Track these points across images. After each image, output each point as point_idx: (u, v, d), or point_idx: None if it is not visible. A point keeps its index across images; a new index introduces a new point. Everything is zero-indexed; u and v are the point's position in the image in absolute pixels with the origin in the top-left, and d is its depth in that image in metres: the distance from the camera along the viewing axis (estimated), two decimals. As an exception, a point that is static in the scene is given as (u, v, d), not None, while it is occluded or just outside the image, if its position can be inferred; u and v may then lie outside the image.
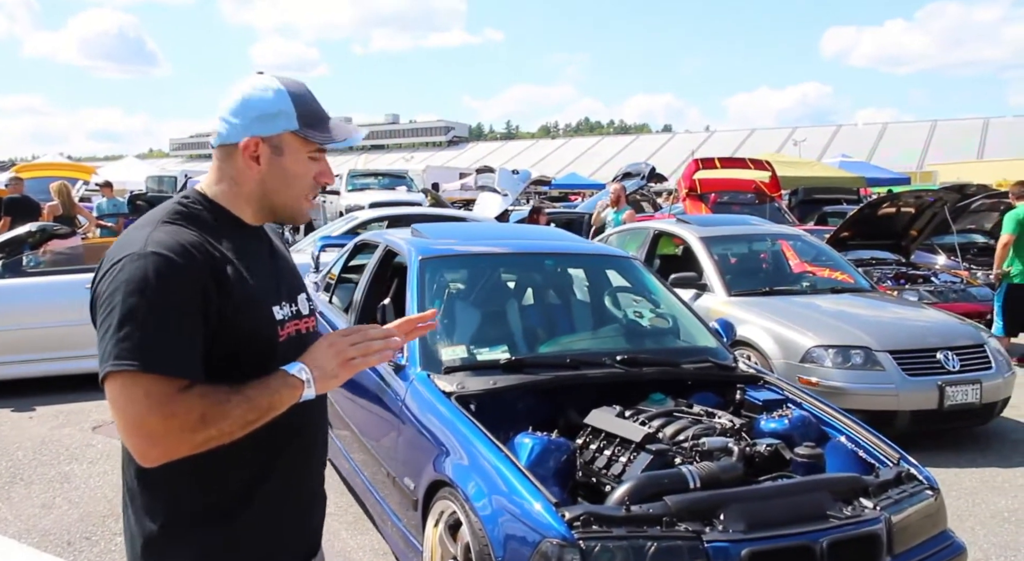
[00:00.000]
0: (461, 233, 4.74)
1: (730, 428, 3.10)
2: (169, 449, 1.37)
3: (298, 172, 1.60)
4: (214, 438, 1.40)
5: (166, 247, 1.43)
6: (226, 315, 1.45)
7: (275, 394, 1.45)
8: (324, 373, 1.51)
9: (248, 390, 1.43)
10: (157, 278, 1.39)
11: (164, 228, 1.49)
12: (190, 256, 1.44)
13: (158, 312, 1.38)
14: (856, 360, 5.34)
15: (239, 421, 1.41)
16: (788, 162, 16.13)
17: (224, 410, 1.39)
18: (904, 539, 2.74)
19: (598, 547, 2.39)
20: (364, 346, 1.55)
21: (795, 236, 7.55)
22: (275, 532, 1.60)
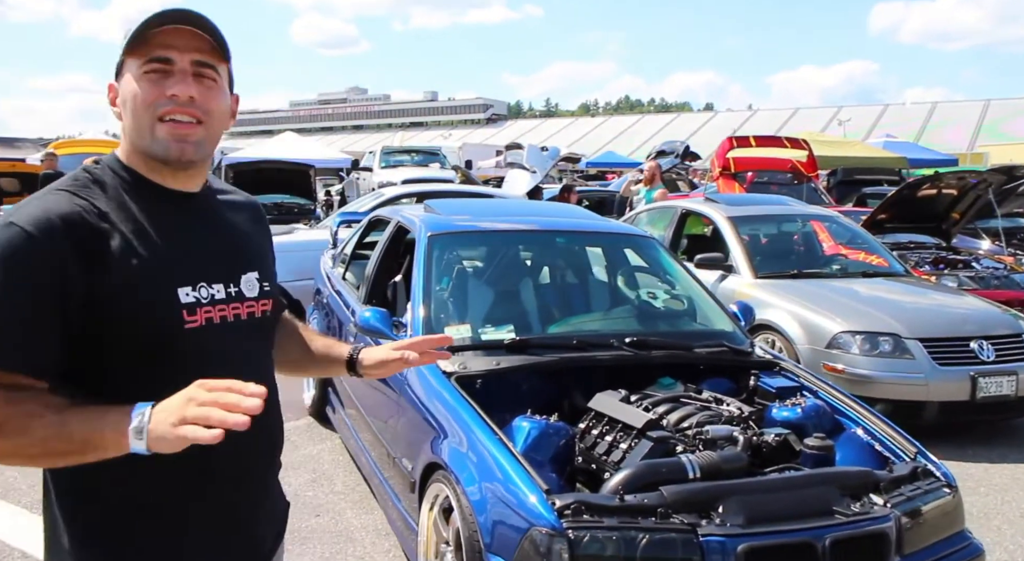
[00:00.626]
0: (475, 209, 4.64)
1: (737, 416, 2.97)
2: None
3: (134, 92, 1.35)
4: (8, 453, 1.20)
5: (27, 218, 1.25)
6: (101, 296, 1.26)
7: (96, 431, 1.18)
8: (160, 432, 1.15)
9: (71, 414, 1.20)
10: (4, 256, 1.22)
11: (47, 196, 1.31)
12: (50, 229, 1.24)
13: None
14: (884, 347, 5.16)
15: (40, 446, 1.19)
16: (827, 141, 15.70)
17: (27, 426, 1.18)
18: (916, 539, 2.60)
19: (587, 537, 2.30)
20: (204, 413, 1.12)
21: (828, 217, 7.33)
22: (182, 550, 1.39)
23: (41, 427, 1.18)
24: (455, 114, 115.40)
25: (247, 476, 1.47)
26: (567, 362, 3.30)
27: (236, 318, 1.44)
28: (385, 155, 19.41)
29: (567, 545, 2.29)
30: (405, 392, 3.33)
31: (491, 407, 3.06)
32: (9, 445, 1.19)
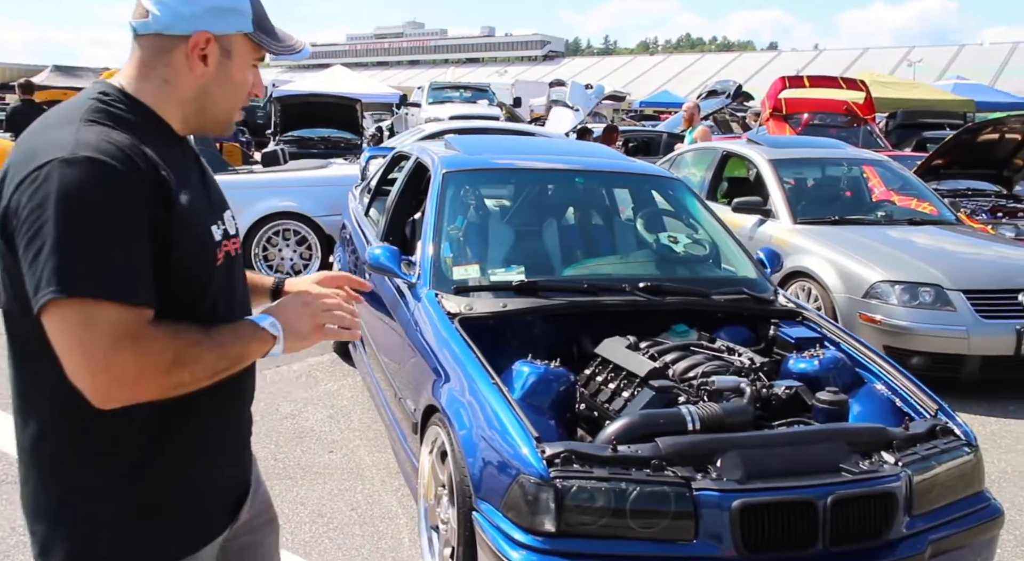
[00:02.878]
0: (498, 147, 4.50)
1: (747, 367, 2.85)
2: (138, 391, 1.19)
3: (242, 81, 1.42)
4: (184, 384, 1.24)
5: (101, 151, 1.19)
6: (169, 234, 1.25)
7: (246, 345, 1.33)
8: (295, 333, 1.38)
9: (219, 336, 1.29)
10: (98, 188, 1.16)
11: (91, 128, 1.23)
12: (131, 162, 1.21)
13: (105, 229, 1.16)
14: (925, 298, 4.93)
15: (210, 368, 1.27)
16: (888, 82, 14.95)
17: (198, 354, 1.24)
18: (929, 499, 2.48)
19: (575, 487, 2.23)
20: (339, 316, 1.44)
21: (878, 162, 7.00)
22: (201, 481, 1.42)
23: (207, 351, 1.25)
24: (512, 50, 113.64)
25: (245, 408, 1.54)
26: (576, 306, 3.20)
27: (227, 255, 1.45)
28: (433, 91, 19.22)
29: (554, 495, 2.22)
30: (411, 331, 3.28)
31: (498, 350, 2.99)
32: (187, 375, 1.23)
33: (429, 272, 3.34)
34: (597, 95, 12.44)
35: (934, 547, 2.42)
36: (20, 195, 1.17)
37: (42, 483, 1.32)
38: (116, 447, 1.30)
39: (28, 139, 1.27)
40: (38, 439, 1.31)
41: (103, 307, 1.15)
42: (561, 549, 2.21)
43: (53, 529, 1.31)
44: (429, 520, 2.92)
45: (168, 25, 1.32)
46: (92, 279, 1.14)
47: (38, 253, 1.14)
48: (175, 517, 1.37)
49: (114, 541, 1.32)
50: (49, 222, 1.14)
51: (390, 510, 3.43)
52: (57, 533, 1.31)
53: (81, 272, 1.14)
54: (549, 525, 2.22)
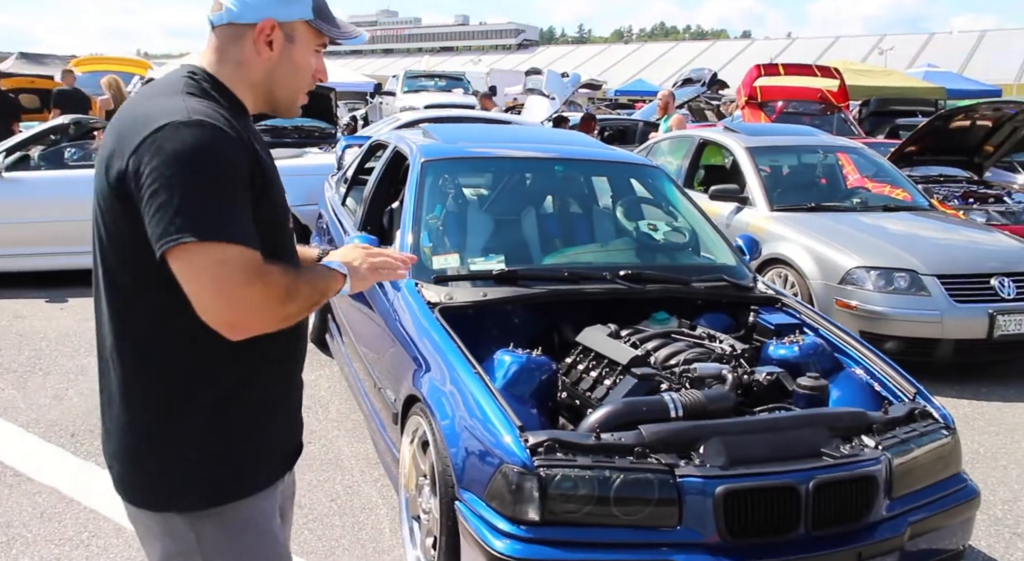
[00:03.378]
0: (476, 135, 4.47)
1: (728, 354, 2.86)
2: (263, 320, 1.36)
3: (304, 65, 1.55)
4: (292, 315, 1.41)
5: (210, 116, 1.35)
6: (258, 200, 1.40)
7: (327, 281, 1.50)
8: (357, 273, 1.56)
9: (309, 274, 1.48)
10: (213, 146, 1.32)
11: (192, 99, 1.40)
12: (235, 130, 1.38)
13: (224, 182, 1.32)
14: (900, 284, 4.98)
15: (307, 301, 1.43)
16: (861, 70, 15.05)
17: (299, 288, 1.41)
18: (908, 481, 2.50)
19: (559, 476, 2.23)
20: (390, 262, 1.64)
21: (853, 149, 7.04)
22: (280, 422, 1.59)
23: (304, 285, 1.42)
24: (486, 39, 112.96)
25: (299, 371, 1.66)
26: (557, 295, 3.19)
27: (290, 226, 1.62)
28: (408, 80, 19.10)
29: (538, 483, 2.22)
30: (391, 321, 3.25)
31: (479, 339, 2.97)
32: (294, 307, 1.39)
33: (408, 262, 3.31)
34: (573, 83, 12.41)
35: (913, 529, 2.45)
36: (140, 155, 1.30)
37: (133, 424, 1.46)
38: (202, 388, 1.44)
39: (133, 109, 1.41)
40: (130, 383, 1.45)
41: (233, 249, 1.30)
42: (545, 537, 2.21)
43: (148, 465, 1.46)
44: (410, 510, 2.90)
45: (239, 15, 1.48)
46: (222, 225, 1.29)
47: (164, 204, 1.27)
48: (256, 452, 1.52)
49: (205, 472, 1.46)
50: (175, 176, 1.28)
51: (370, 501, 3.41)
52: (156, 471, 1.46)
53: (210, 219, 1.28)
54: (533, 514, 2.22)
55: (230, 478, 1.48)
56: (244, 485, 1.51)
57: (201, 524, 1.47)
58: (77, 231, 6.60)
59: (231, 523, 1.49)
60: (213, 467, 1.46)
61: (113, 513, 3.19)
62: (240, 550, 1.51)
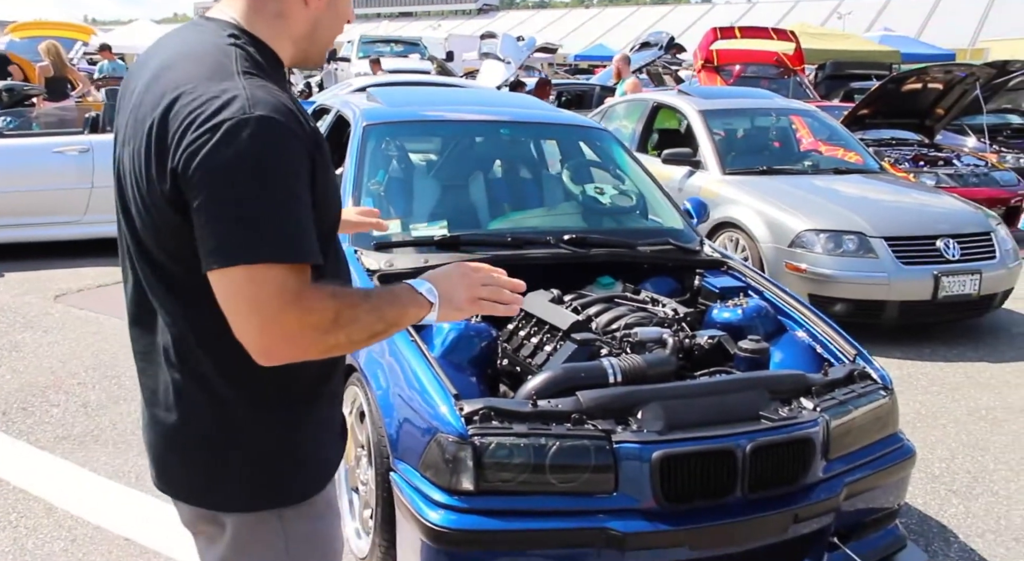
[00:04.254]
0: (422, 99, 4.36)
1: (671, 318, 2.84)
2: (299, 349, 1.20)
3: (345, 11, 1.40)
4: (341, 345, 1.24)
5: (272, 108, 1.16)
6: (320, 185, 1.24)
7: (404, 309, 1.30)
8: (451, 303, 1.35)
9: (376, 299, 1.28)
10: (278, 150, 1.15)
11: (252, 81, 1.20)
12: (296, 119, 1.20)
13: (283, 192, 1.16)
14: (848, 246, 5.01)
15: (367, 330, 1.26)
16: (817, 34, 15.08)
17: (356, 315, 1.23)
18: (845, 442, 2.51)
19: (493, 445, 2.19)
20: (496, 291, 1.40)
21: (805, 112, 7.05)
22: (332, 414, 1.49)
23: (364, 314, 1.24)
24: (446, 4, 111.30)
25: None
26: (499, 260, 3.11)
27: None
28: (364, 45, 18.69)
29: (472, 453, 2.18)
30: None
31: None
32: (343, 336, 1.22)
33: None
34: (528, 47, 12.24)
35: (849, 489, 2.46)
36: (193, 154, 1.14)
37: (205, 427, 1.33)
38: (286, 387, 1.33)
39: (183, 86, 1.19)
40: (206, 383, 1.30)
41: (273, 269, 1.15)
42: (481, 507, 2.18)
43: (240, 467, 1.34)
44: (349, 482, 2.86)
45: None
46: (264, 244, 1.14)
47: (213, 218, 1.14)
48: (329, 440, 1.44)
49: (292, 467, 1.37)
50: (225, 186, 1.14)
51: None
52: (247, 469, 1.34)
53: (253, 237, 1.14)
54: (468, 484, 2.18)
55: (317, 465, 1.42)
56: (329, 468, 1.46)
57: (291, 515, 1.39)
58: (14, 202, 6.46)
59: (317, 510, 1.43)
60: (303, 457, 1.39)
61: (44, 492, 3.11)
62: (320, 535, 1.45)
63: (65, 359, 4.44)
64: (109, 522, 2.95)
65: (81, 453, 3.45)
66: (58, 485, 3.20)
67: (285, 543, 1.39)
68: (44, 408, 3.86)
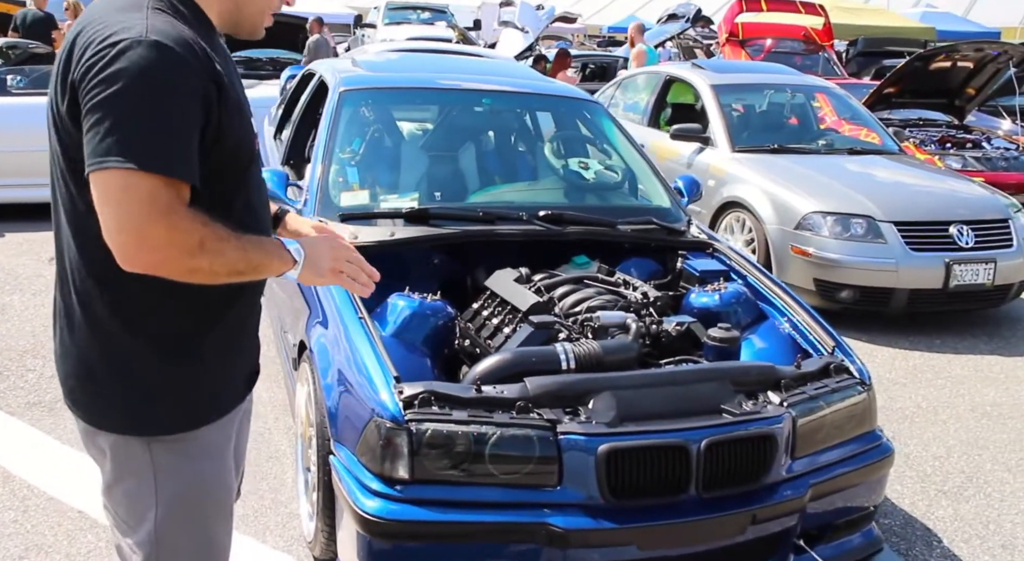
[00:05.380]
0: (410, 66, 4.21)
1: (638, 302, 2.69)
2: (160, 261, 1.28)
3: None
4: (201, 271, 1.31)
5: (169, 38, 1.28)
6: (222, 123, 1.34)
7: (267, 257, 1.39)
8: (315, 267, 1.47)
9: (246, 240, 1.36)
10: (166, 70, 1.26)
11: (158, 16, 1.32)
12: (193, 52, 1.30)
13: (167, 108, 1.26)
14: (856, 230, 4.80)
15: (229, 266, 1.34)
16: (849, 8, 14.54)
17: (221, 248, 1.31)
18: (814, 440, 2.37)
19: (430, 431, 2.08)
20: (356, 270, 1.54)
21: (823, 89, 6.78)
22: (242, 348, 1.57)
23: (231, 249, 1.31)
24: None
25: (260, 298, 1.63)
26: (468, 235, 3.00)
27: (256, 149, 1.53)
28: (390, 11, 18.51)
29: (408, 438, 2.07)
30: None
31: (387, 283, 2.79)
32: (206, 263, 1.29)
33: (315, 198, 3.12)
34: (548, 16, 11.95)
35: (815, 490, 2.32)
36: (89, 68, 1.25)
37: (93, 344, 1.41)
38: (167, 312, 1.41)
39: (95, 18, 1.33)
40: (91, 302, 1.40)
41: (146, 178, 1.23)
42: (416, 497, 2.07)
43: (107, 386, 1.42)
44: (304, 462, 2.77)
45: None
46: (139, 152, 1.22)
47: (96, 123, 1.23)
48: (220, 378, 1.50)
49: (172, 397, 1.44)
50: (112, 96, 1.23)
51: (278, 450, 3.27)
52: (118, 392, 1.42)
53: (129, 145, 1.22)
54: (403, 471, 2.08)
55: (194, 404, 1.47)
56: (209, 411, 1.49)
57: (159, 449, 1.44)
58: (22, 162, 6.41)
59: (190, 449, 1.47)
60: (178, 393, 1.44)
61: (4, 459, 3.06)
62: (193, 476, 1.48)
63: (49, 324, 4.38)
64: (66, 494, 2.89)
65: (49, 420, 3.40)
66: (20, 452, 3.15)
67: (153, 475, 1.44)
68: (20, 373, 3.82)
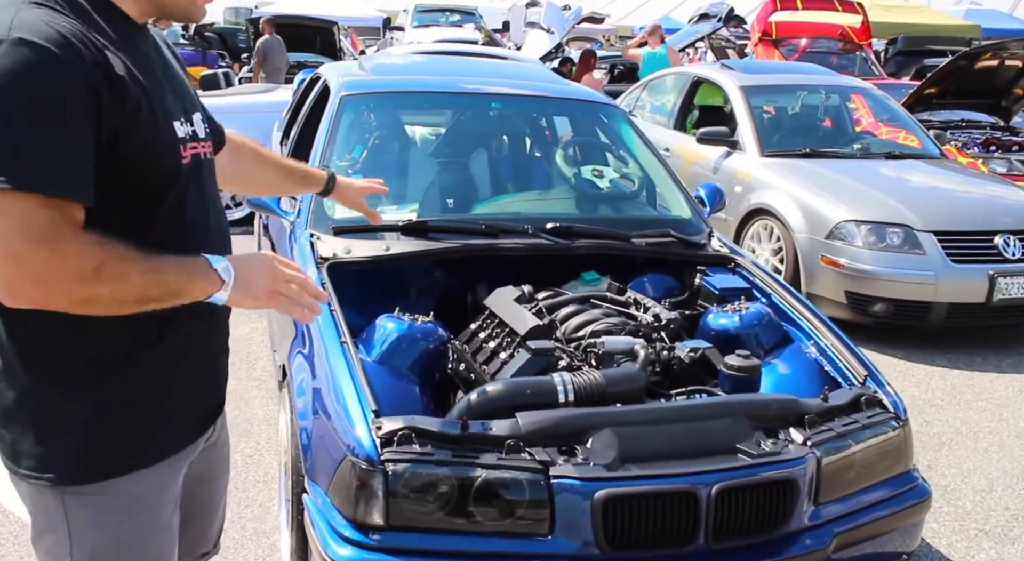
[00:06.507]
0: (419, 69, 4.01)
1: (649, 324, 2.47)
2: (45, 295, 1.13)
3: None
4: (99, 301, 1.15)
5: (40, 34, 1.11)
6: (120, 127, 1.17)
7: (188, 279, 1.23)
8: (248, 289, 1.28)
9: (159, 261, 1.19)
10: (28, 72, 1.09)
11: (32, 10, 1.15)
12: (73, 48, 1.13)
13: (40, 116, 1.10)
14: (892, 240, 4.52)
15: (137, 292, 1.18)
16: (888, 5, 14.07)
17: (124, 271, 1.15)
18: (840, 483, 2.13)
19: (407, 473, 1.87)
20: (299, 293, 1.34)
21: (859, 90, 6.48)
22: (180, 386, 1.39)
23: (137, 273, 1.16)
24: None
25: (223, 320, 1.50)
26: (468, 250, 2.79)
27: (195, 158, 1.36)
28: (419, 14, 18.41)
29: (383, 480, 1.86)
30: (287, 278, 2.88)
31: (382, 301, 2.61)
32: (105, 291, 1.14)
33: (309, 210, 2.93)
34: (574, 17, 11.72)
35: (841, 539, 2.08)
36: None
37: (6, 384, 1.28)
38: (77, 346, 1.26)
39: None
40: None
41: (20, 198, 1.08)
42: (392, 546, 1.87)
43: (20, 430, 1.28)
44: (286, 492, 2.58)
45: None
46: (11, 170, 1.07)
47: None
48: (145, 421, 1.34)
49: (81, 441, 1.28)
50: None
51: (268, 474, 3.10)
52: (24, 435, 1.28)
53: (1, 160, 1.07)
54: (378, 517, 1.87)
55: (110, 450, 1.31)
56: (128, 459, 1.33)
57: (73, 502, 1.30)
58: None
59: (107, 503, 1.32)
60: (88, 436, 1.29)
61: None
62: (111, 536, 1.33)
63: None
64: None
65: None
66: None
67: (68, 531, 1.30)
68: None
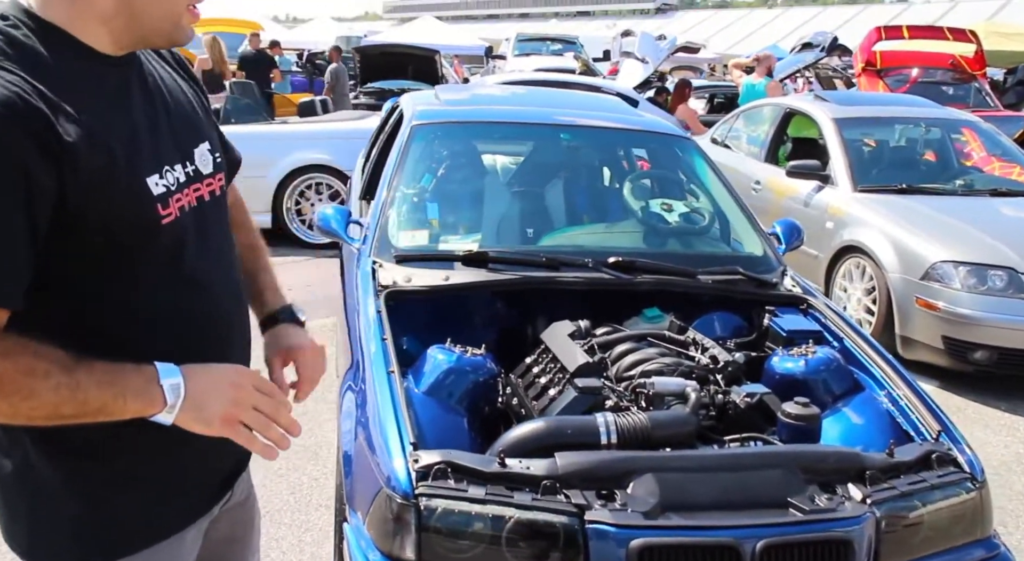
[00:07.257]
0: (491, 98, 4.04)
1: (705, 365, 2.37)
2: None
3: None
4: (7, 416, 1.05)
5: None
6: (72, 200, 1.05)
7: (115, 399, 1.08)
8: (198, 411, 1.13)
9: (83, 374, 1.05)
10: None
11: None
12: (21, 109, 1.01)
13: None
14: (995, 283, 4.24)
15: (48, 409, 1.05)
16: (1006, 33, 13.33)
17: (31, 386, 1.02)
18: (904, 548, 1.98)
19: (440, 510, 1.84)
20: (265, 424, 1.19)
21: (968, 123, 6.15)
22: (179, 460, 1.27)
23: (49, 390, 1.03)
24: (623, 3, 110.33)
25: None
26: (528, 282, 2.77)
27: (200, 201, 1.26)
28: (520, 43, 18.67)
29: (415, 515, 1.85)
30: (351, 302, 2.93)
31: (440, 331, 2.61)
32: (7, 407, 1.03)
33: (373, 237, 2.97)
34: (669, 47, 11.63)
35: (904, 611, 1.93)
36: None
37: None
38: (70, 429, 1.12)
39: None
40: None
41: None
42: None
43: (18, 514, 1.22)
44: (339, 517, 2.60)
45: None
46: None
47: None
48: (151, 492, 1.25)
49: (83, 518, 1.21)
50: None
51: (331, 498, 3.12)
52: (16, 513, 1.22)
53: None
54: (410, 552, 1.85)
55: (115, 532, 1.23)
56: (135, 538, 1.24)
57: None
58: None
59: None
60: (92, 520, 1.21)
61: None
62: None
63: None
64: None
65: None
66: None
67: None
68: None
